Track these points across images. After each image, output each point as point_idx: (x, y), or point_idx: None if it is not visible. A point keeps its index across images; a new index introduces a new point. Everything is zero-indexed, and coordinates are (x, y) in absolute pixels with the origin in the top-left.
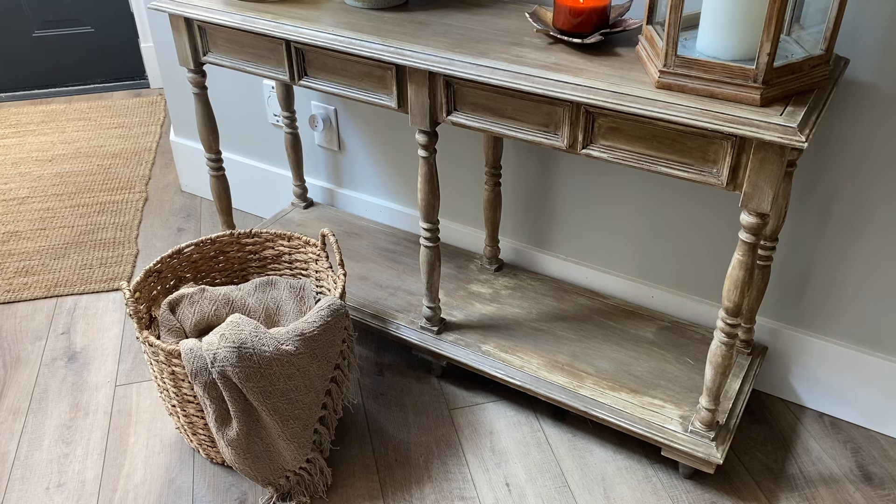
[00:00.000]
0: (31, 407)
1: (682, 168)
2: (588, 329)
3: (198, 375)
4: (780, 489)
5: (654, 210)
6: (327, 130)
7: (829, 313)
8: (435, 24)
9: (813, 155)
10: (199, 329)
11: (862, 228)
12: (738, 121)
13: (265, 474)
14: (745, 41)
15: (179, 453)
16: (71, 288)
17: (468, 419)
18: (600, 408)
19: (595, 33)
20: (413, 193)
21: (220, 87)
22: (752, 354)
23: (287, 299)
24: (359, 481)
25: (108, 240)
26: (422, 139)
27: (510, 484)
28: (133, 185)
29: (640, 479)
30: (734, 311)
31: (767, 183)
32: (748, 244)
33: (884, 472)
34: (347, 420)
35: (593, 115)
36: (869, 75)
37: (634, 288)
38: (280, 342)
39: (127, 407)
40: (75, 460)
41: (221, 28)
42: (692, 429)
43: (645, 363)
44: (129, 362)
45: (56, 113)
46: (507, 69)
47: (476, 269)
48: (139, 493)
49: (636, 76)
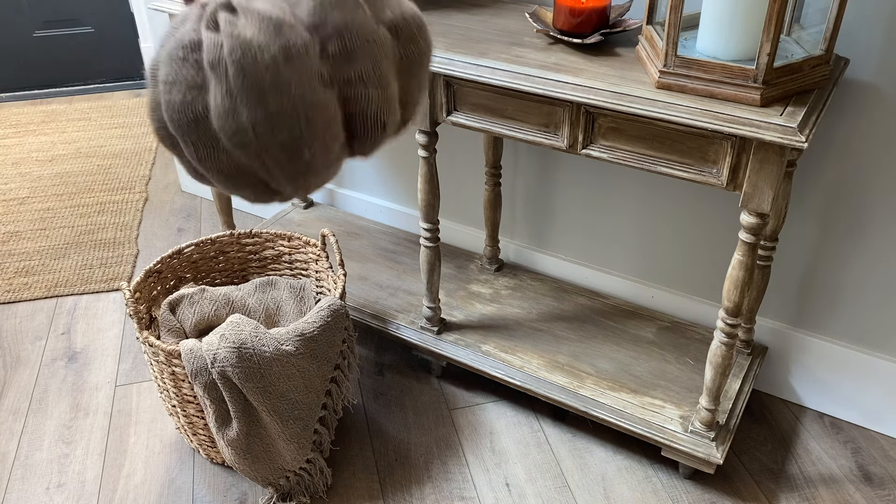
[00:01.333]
0: (31, 407)
1: (682, 168)
2: (588, 329)
3: (198, 376)
4: (780, 489)
5: (655, 210)
6: None
7: (829, 313)
8: (435, 24)
9: (813, 155)
10: (199, 329)
11: (862, 228)
12: (738, 121)
13: (265, 474)
14: (745, 41)
15: (179, 453)
16: (71, 288)
17: (468, 419)
18: (600, 408)
19: (595, 33)
20: (413, 193)
21: None
22: (752, 354)
23: (287, 299)
24: (359, 481)
25: (108, 240)
26: (422, 139)
27: (510, 484)
28: (133, 186)
29: (640, 479)
30: (734, 311)
31: (767, 183)
32: (748, 244)
33: (884, 473)
34: (347, 420)
35: (593, 116)
36: (869, 75)
37: (634, 288)
38: (280, 342)
39: (127, 407)
40: (75, 460)
41: None
42: (692, 429)
43: (645, 363)
44: (129, 362)
45: (56, 113)
46: (507, 69)
47: (476, 269)
48: (139, 493)
49: (636, 76)
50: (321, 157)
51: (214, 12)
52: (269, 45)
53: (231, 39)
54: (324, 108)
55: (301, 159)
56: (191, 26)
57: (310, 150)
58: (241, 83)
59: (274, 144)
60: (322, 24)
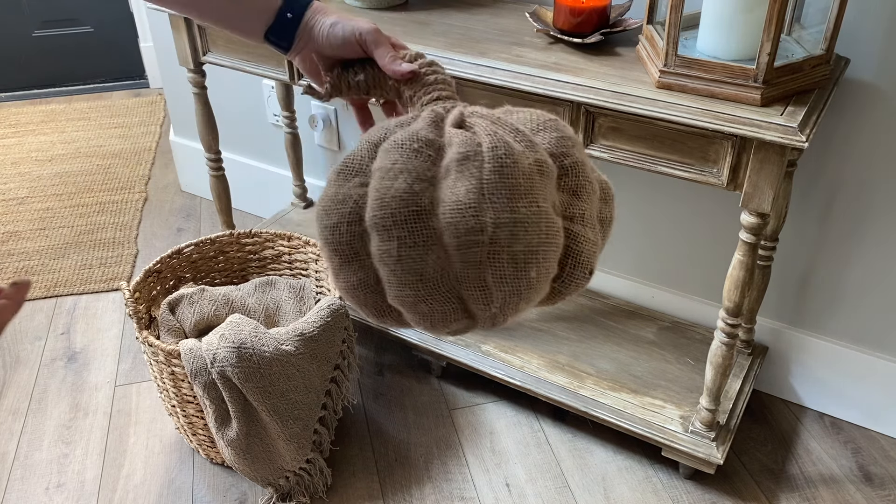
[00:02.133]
0: (30, 407)
1: (683, 168)
2: (588, 329)
3: (197, 376)
4: (780, 489)
5: (655, 210)
6: (327, 130)
7: (829, 313)
8: (435, 23)
9: (813, 155)
10: (199, 329)
11: (862, 228)
12: (738, 121)
13: (265, 474)
14: (746, 41)
15: (179, 453)
16: (71, 288)
17: (468, 419)
18: (600, 408)
19: (595, 33)
20: None
21: (220, 87)
22: (753, 354)
23: (287, 299)
24: (359, 481)
25: (107, 240)
26: None
27: (510, 484)
28: (133, 185)
29: (640, 479)
30: (734, 311)
31: (768, 183)
32: (748, 244)
33: (884, 473)
34: (347, 420)
35: (594, 115)
36: (869, 75)
37: (634, 288)
38: (280, 342)
39: (127, 407)
40: (75, 460)
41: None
42: (692, 429)
43: (645, 363)
44: (128, 362)
45: (56, 113)
46: (508, 69)
47: None
48: (139, 493)
49: (636, 76)
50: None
51: (461, 115)
52: (527, 153)
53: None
54: (558, 232)
55: (525, 276)
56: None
57: (536, 270)
58: (496, 180)
59: (504, 252)
60: (562, 156)
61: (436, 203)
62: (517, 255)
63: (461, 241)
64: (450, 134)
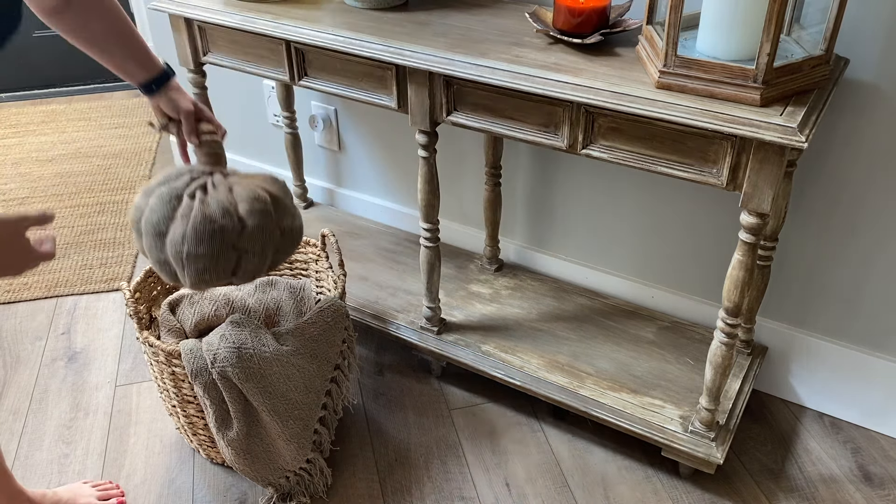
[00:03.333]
0: (31, 407)
1: (682, 168)
2: (588, 329)
3: (198, 376)
4: (780, 489)
5: (654, 210)
6: (327, 130)
7: (829, 313)
8: (435, 24)
9: (813, 155)
10: (200, 329)
11: (862, 228)
12: (737, 121)
13: (265, 474)
14: (745, 41)
15: (179, 453)
16: (71, 288)
17: (468, 419)
18: (600, 408)
19: (595, 33)
20: (413, 193)
21: (220, 87)
22: (752, 354)
23: (287, 299)
24: (359, 481)
25: (108, 240)
26: (422, 139)
27: (510, 484)
28: (133, 185)
29: (640, 479)
30: (734, 311)
31: (767, 183)
32: (748, 244)
33: (884, 473)
34: (347, 420)
35: (593, 116)
36: (869, 75)
37: (634, 288)
38: (280, 342)
39: (127, 407)
40: (75, 460)
41: (221, 28)
42: (692, 429)
43: (645, 363)
44: (129, 362)
45: (56, 113)
46: (507, 69)
47: (476, 269)
48: (139, 493)
49: (636, 76)
50: (214, 282)
51: (195, 190)
52: (216, 219)
53: (201, 206)
54: (228, 261)
55: (202, 279)
56: (182, 184)
57: (209, 276)
58: (192, 234)
59: (192, 265)
60: (245, 218)
61: (167, 232)
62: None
63: (170, 252)
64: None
